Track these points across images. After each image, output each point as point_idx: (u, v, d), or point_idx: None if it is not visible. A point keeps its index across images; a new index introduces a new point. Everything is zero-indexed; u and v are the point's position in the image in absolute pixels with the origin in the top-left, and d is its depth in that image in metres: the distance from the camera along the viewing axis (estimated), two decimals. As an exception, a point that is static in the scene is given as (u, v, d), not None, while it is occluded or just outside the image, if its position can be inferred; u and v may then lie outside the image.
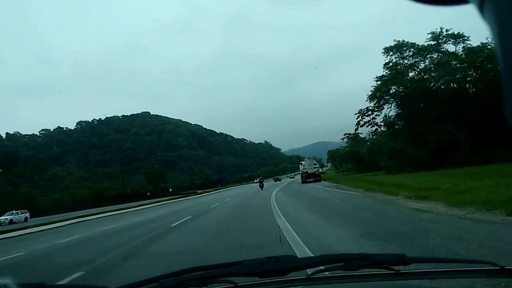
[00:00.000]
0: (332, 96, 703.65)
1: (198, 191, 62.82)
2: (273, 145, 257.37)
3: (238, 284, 1.28)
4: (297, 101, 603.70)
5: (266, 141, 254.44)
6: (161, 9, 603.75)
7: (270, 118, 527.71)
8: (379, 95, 37.06)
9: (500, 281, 1.22)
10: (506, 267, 1.13)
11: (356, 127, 41.82)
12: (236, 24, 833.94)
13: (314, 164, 43.32)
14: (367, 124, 40.99)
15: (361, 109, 40.34)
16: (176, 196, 53.06)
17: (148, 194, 56.85)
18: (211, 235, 9.34)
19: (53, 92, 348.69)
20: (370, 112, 39.89)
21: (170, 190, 61.76)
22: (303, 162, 45.01)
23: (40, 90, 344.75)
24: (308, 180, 39.45)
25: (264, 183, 43.77)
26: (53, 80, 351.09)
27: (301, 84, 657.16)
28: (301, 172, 44.04)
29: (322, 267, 1.25)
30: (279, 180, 78.96)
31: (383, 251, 4.72)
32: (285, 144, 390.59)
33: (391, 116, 37.85)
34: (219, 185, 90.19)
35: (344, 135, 53.56)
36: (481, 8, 0.45)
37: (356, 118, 40.78)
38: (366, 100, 38.18)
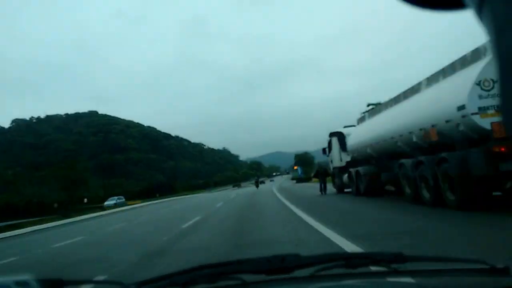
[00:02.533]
0: (288, 108, 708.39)
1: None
2: (231, 152, 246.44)
3: (247, 282, 1.31)
4: (254, 111, 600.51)
5: (224, 147, 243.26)
6: (113, 7, 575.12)
7: (229, 126, 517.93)
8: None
9: (490, 279, 1.24)
10: (497, 267, 1.20)
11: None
12: (194, 30, 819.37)
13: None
14: None
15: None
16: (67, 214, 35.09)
17: (56, 205, 42.51)
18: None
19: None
20: None
21: (85, 200, 47.87)
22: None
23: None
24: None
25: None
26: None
27: (259, 95, 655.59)
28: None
29: (325, 265, 1.29)
30: (263, 182, 71.44)
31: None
32: (243, 152, 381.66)
33: None
34: (157, 195, 73.19)
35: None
36: (479, 13, 0.45)
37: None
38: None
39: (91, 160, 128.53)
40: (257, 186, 47.04)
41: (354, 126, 16.94)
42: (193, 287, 1.25)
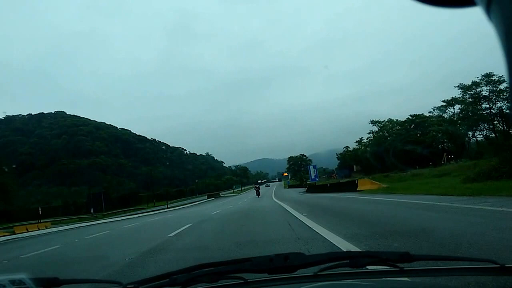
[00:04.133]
0: (275, 115, 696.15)
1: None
2: (215, 158, 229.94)
3: (248, 280, 1.30)
4: (241, 117, 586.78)
5: (208, 153, 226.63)
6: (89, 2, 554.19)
7: (215, 133, 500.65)
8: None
9: (500, 278, 1.25)
10: (506, 265, 1.17)
11: None
12: (178, 32, 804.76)
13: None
14: None
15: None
16: None
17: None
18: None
19: None
20: None
21: None
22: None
23: None
24: None
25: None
26: None
27: (246, 101, 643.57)
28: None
29: (329, 264, 1.26)
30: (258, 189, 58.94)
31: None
32: (229, 159, 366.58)
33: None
34: (92, 212, 55.36)
35: None
36: (488, 10, 0.44)
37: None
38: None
39: (49, 165, 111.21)
40: (258, 194, 44.09)
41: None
42: (194, 286, 1.22)
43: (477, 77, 50.17)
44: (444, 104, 59.22)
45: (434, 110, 64.59)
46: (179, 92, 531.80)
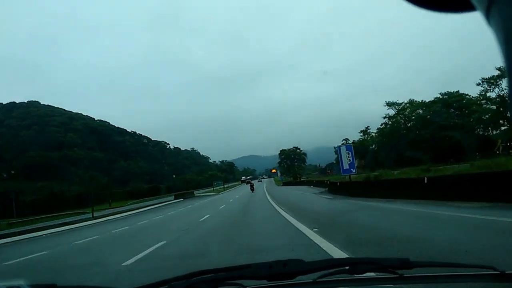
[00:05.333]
0: (263, 111, 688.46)
1: None
2: (201, 153, 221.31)
3: (247, 287, 1.28)
4: (228, 114, 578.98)
5: (193, 148, 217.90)
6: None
7: (202, 128, 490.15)
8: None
9: (501, 285, 1.23)
10: (506, 272, 1.17)
11: None
12: (165, 24, 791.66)
13: None
14: None
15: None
16: None
17: None
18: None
19: None
20: None
21: None
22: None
23: None
24: None
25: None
26: None
27: (234, 97, 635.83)
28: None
29: (329, 271, 1.26)
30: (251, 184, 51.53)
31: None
32: (216, 155, 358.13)
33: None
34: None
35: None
36: (487, 15, 0.44)
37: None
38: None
39: (17, 158, 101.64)
40: (252, 189, 43.44)
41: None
42: None
43: None
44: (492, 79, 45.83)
45: (482, 82, 48.15)
46: (165, 86, 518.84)
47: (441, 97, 56.89)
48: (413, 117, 59.63)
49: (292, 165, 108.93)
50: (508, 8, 0.41)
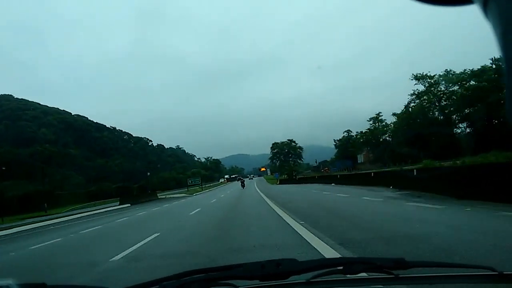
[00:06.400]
0: (251, 111, 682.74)
1: None
2: (186, 151, 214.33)
3: (240, 287, 1.26)
4: (216, 112, 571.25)
5: (178, 146, 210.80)
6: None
7: (188, 126, 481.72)
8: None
9: (499, 286, 1.21)
10: (504, 272, 1.16)
11: None
12: (149, 17, 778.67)
13: None
14: None
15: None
16: None
17: None
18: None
19: None
20: None
21: None
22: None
23: None
24: None
25: None
26: None
27: (222, 95, 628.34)
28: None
29: (322, 271, 1.24)
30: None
31: None
32: (203, 154, 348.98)
33: None
34: None
35: None
36: (485, 8, 0.44)
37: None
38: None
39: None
40: (243, 186, 46.63)
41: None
42: None
43: None
44: None
45: None
46: (151, 83, 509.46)
47: (493, 65, 42.64)
48: (447, 93, 47.88)
49: (286, 161, 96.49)
50: (507, 1, 0.41)
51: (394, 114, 56.36)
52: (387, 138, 59.67)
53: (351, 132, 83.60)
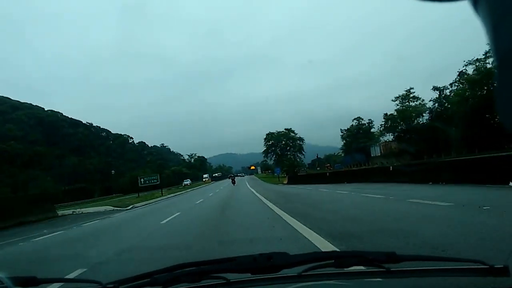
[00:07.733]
0: (239, 109, 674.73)
1: None
2: (171, 150, 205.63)
3: (231, 280, 1.28)
4: (203, 110, 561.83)
5: (163, 144, 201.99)
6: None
7: (174, 125, 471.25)
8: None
9: (489, 279, 1.21)
10: (495, 266, 1.16)
11: None
12: (133, 12, 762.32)
13: None
14: None
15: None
16: None
17: None
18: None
19: None
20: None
21: None
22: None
23: None
24: None
25: None
26: None
27: (209, 93, 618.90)
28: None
29: (314, 264, 1.25)
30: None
31: None
32: (190, 153, 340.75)
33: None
34: None
35: None
36: (475, 4, 0.43)
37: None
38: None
39: None
40: (234, 183, 49.22)
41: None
42: (175, 286, 1.19)
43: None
44: None
45: None
46: (135, 80, 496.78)
47: None
48: None
49: (283, 155, 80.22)
50: None
51: (460, 74, 41.27)
52: (422, 122, 44.99)
53: (362, 119, 70.83)
